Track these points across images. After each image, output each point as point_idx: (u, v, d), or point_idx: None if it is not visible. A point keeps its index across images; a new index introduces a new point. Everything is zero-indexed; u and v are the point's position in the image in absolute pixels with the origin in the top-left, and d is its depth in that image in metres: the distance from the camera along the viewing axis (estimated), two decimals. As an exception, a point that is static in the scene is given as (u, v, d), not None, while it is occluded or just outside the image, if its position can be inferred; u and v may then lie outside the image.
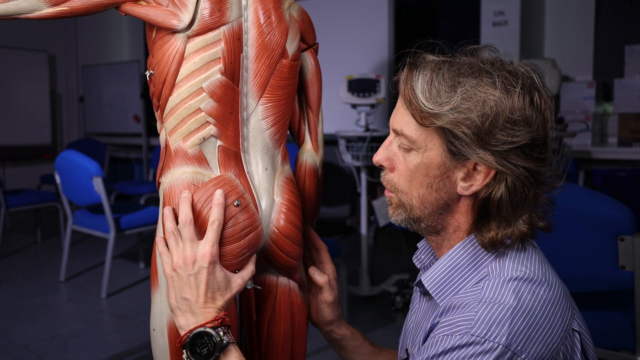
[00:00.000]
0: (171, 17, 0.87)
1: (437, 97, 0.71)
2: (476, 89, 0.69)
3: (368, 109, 3.02)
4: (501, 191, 0.71)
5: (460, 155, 0.72)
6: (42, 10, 0.86)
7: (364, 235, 3.02)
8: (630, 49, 3.54)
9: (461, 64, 0.73)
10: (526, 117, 0.70)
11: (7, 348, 2.46)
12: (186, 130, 0.90)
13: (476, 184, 0.73)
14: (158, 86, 0.90)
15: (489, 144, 0.69)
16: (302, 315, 1.02)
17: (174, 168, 0.91)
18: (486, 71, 0.71)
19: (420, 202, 0.76)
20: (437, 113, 0.70)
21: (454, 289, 0.76)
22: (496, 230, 0.73)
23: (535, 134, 0.70)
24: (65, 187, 3.21)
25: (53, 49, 6.04)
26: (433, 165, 0.74)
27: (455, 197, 0.76)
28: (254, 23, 0.91)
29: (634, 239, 1.29)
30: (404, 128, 0.75)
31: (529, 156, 0.71)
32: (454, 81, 0.71)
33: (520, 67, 0.74)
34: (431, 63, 0.74)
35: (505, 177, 0.71)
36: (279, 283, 0.99)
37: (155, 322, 0.92)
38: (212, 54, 0.88)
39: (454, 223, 0.78)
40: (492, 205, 0.72)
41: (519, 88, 0.70)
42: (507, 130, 0.69)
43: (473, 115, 0.69)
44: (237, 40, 0.90)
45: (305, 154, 1.06)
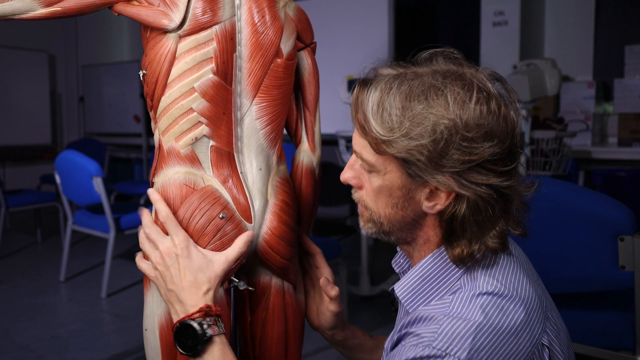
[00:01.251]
0: (162, 17, 0.86)
1: (388, 121, 0.68)
2: (427, 111, 0.67)
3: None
4: (463, 210, 0.70)
5: (419, 178, 0.70)
6: (36, 11, 0.86)
7: (364, 235, 3.02)
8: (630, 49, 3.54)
9: (412, 79, 0.70)
10: (484, 132, 0.67)
11: (7, 348, 2.46)
12: (178, 130, 0.90)
13: (440, 203, 0.72)
14: (151, 86, 0.90)
15: (444, 166, 0.67)
16: (297, 317, 1.02)
17: (166, 168, 0.91)
18: (437, 87, 0.68)
19: (388, 220, 0.76)
20: (388, 140, 0.68)
21: (424, 299, 0.76)
22: (463, 247, 0.71)
23: (496, 147, 0.67)
24: (65, 187, 3.21)
25: (53, 49, 6.04)
26: (394, 187, 0.73)
27: (422, 214, 0.75)
28: (248, 22, 0.90)
29: (634, 239, 1.29)
30: (362, 152, 0.74)
31: (491, 171, 0.68)
32: (404, 103, 0.68)
33: (477, 75, 0.70)
34: (382, 81, 0.71)
35: (466, 197, 0.69)
36: (272, 284, 0.99)
37: (147, 322, 0.92)
38: (203, 54, 0.88)
39: (423, 236, 0.77)
40: (456, 224, 0.71)
41: (472, 102, 0.67)
42: (463, 149, 0.66)
43: (425, 141, 0.66)
44: (229, 39, 0.89)
45: (302, 154, 1.05)
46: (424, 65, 0.73)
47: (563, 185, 1.42)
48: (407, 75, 0.71)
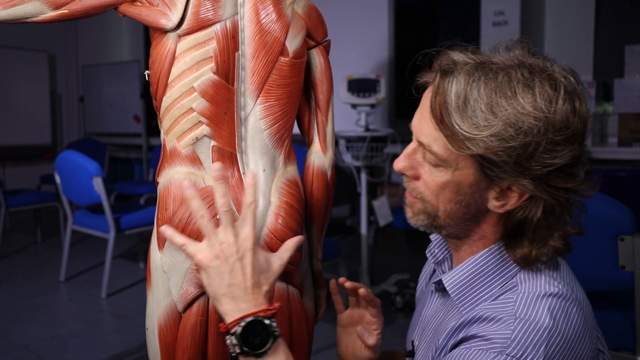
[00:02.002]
0: (160, 17, 0.87)
1: (473, 118, 0.64)
2: (518, 111, 0.63)
3: (368, 109, 3.02)
4: (538, 214, 0.67)
5: (496, 177, 0.66)
6: (46, 14, 0.88)
7: (364, 235, 3.01)
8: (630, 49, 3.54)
9: (497, 70, 0.65)
10: (569, 135, 0.64)
11: (7, 348, 2.46)
12: (179, 130, 0.89)
13: (510, 204, 0.68)
14: (153, 86, 0.90)
15: (528, 170, 0.64)
16: (302, 322, 1.00)
17: (169, 168, 0.91)
18: (525, 84, 0.64)
19: (447, 215, 0.72)
20: (473, 138, 0.64)
21: (477, 295, 0.74)
22: (529, 248, 0.69)
23: (576, 150, 0.65)
24: (65, 187, 3.21)
25: (53, 49, 6.04)
26: (464, 185, 0.69)
27: (484, 210, 0.71)
28: (251, 20, 0.89)
29: (634, 239, 1.29)
30: (432, 144, 0.69)
31: (570, 175, 0.66)
32: (492, 99, 0.64)
33: (559, 71, 0.67)
34: (463, 70, 0.66)
35: (543, 200, 0.66)
36: (276, 289, 0.97)
37: (148, 322, 0.93)
38: (203, 53, 0.87)
39: (480, 232, 0.74)
40: (528, 227, 0.68)
41: (560, 102, 0.64)
42: (550, 153, 0.63)
43: (515, 143, 0.63)
44: (231, 38, 0.88)
45: (313, 155, 1.03)
46: (501, 55, 0.69)
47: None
48: (490, 67, 0.66)
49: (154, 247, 0.94)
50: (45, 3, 0.87)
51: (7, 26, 5.35)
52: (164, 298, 0.93)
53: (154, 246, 0.94)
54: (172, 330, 0.92)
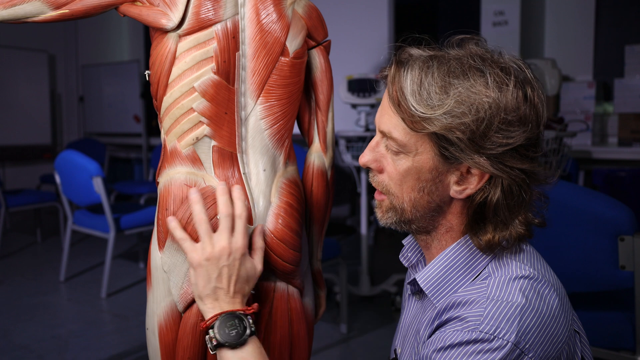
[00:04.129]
0: (161, 17, 0.86)
1: (428, 100, 0.67)
2: (469, 90, 0.66)
3: (368, 109, 3.02)
4: (497, 195, 0.69)
5: (454, 159, 0.69)
6: (46, 14, 0.88)
7: (364, 235, 3.02)
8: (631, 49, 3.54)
9: (449, 59, 0.69)
10: (520, 116, 0.67)
11: (7, 348, 2.46)
12: (180, 130, 0.89)
13: (470, 187, 0.71)
14: (154, 86, 0.90)
15: (483, 148, 0.67)
16: (302, 322, 1.00)
17: (169, 168, 0.91)
18: (477, 68, 0.68)
19: (412, 206, 0.74)
20: (429, 117, 0.67)
21: (450, 288, 0.75)
22: (492, 233, 0.71)
23: (530, 133, 0.68)
24: (65, 187, 3.21)
25: (53, 49, 6.05)
26: (424, 170, 0.71)
27: (448, 199, 0.74)
28: (252, 20, 0.89)
29: (634, 239, 1.29)
30: (392, 131, 0.72)
31: (524, 157, 0.68)
32: (445, 81, 0.67)
33: (511, 60, 0.71)
34: (418, 60, 0.70)
35: (501, 180, 0.69)
36: (276, 288, 0.96)
37: (148, 322, 0.93)
38: (203, 53, 0.87)
39: (446, 224, 0.76)
40: (489, 209, 0.70)
41: (511, 85, 0.67)
42: (503, 132, 0.66)
43: (468, 119, 0.65)
44: (231, 38, 0.88)
45: (313, 155, 1.03)
46: (457, 49, 0.72)
47: (563, 185, 1.42)
48: (445, 57, 0.70)
49: (155, 247, 0.94)
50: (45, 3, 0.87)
51: (7, 26, 5.35)
52: (164, 298, 0.93)
53: (154, 246, 0.94)
54: (172, 330, 0.92)
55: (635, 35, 3.72)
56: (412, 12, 5.10)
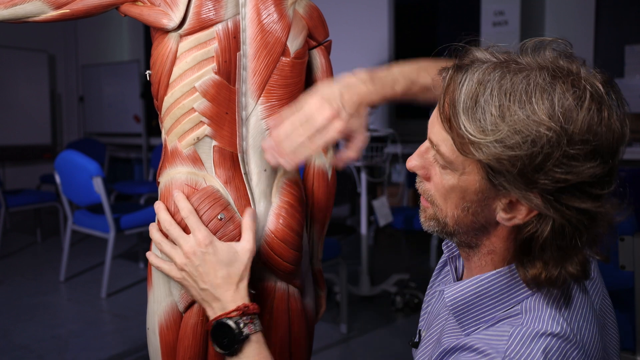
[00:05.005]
0: (162, 17, 0.86)
1: (481, 121, 0.59)
2: (529, 119, 0.57)
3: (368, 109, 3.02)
4: (546, 233, 0.61)
5: (502, 188, 0.61)
6: (47, 14, 0.88)
7: (364, 235, 3.02)
8: (631, 49, 3.54)
9: (516, 72, 0.59)
10: (589, 149, 0.57)
11: (7, 348, 2.46)
12: (181, 130, 0.89)
13: (518, 218, 0.63)
14: (155, 86, 0.90)
15: (535, 183, 0.58)
16: (302, 322, 1.00)
17: (170, 168, 0.91)
18: (543, 89, 0.58)
19: (455, 222, 0.68)
20: (478, 142, 0.59)
21: (478, 316, 0.69)
22: (541, 269, 0.63)
23: (598, 168, 0.58)
24: (65, 187, 3.21)
25: (53, 49, 6.04)
26: (470, 191, 0.64)
27: (494, 223, 0.66)
28: (253, 20, 0.89)
29: (634, 239, 1.29)
30: (440, 144, 0.65)
31: (586, 194, 0.59)
32: (503, 102, 0.58)
33: (592, 77, 0.60)
34: (480, 69, 0.61)
35: (552, 218, 0.60)
36: (276, 288, 0.96)
37: (149, 321, 0.93)
38: (204, 53, 0.87)
39: (490, 245, 0.69)
40: (535, 245, 0.62)
41: (582, 112, 0.57)
42: (562, 167, 0.57)
43: (521, 152, 0.57)
44: (232, 38, 0.88)
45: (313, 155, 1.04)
46: (529, 55, 0.63)
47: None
48: (510, 67, 0.61)
49: (155, 247, 0.94)
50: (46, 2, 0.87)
51: (7, 26, 5.35)
52: (164, 298, 0.93)
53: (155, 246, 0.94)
54: (173, 330, 0.92)
55: (635, 35, 3.72)
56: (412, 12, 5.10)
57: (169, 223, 0.86)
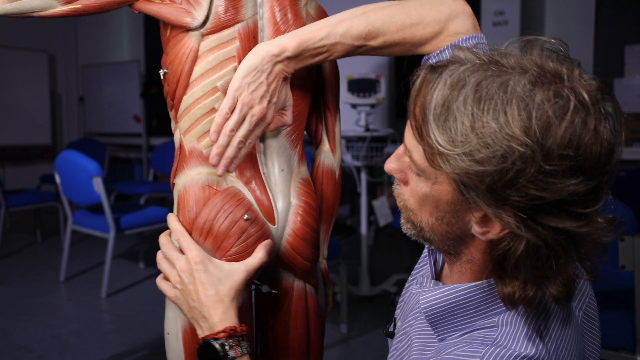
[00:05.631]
0: (184, 15, 0.85)
1: (451, 131, 0.54)
2: (501, 131, 0.51)
3: (368, 109, 3.02)
4: (519, 252, 0.56)
5: (473, 202, 0.56)
6: (55, 9, 0.84)
7: (364, 235, 3.02)
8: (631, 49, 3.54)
9: (494, 77, 0.54)
10: (569, 166, 0.51)
11: (7, 348, 2.46)
12: (200, 130, 0.88)
13: (493, 232, 0.58)
14: (172, 85, 0.89)
15: (506, 200, 0.53)
16: (318, 319, 1.00)
17: (188, 169, 0.90)
18: (521, 99, 0.52)
19: (430, 229, 0.65)
20: (446, 154, 0.54)
21: (453, 324, 0.67)
22: (516, 288, 0.58)
23: (581, 185, 0.52)
24: (65, 187, 3.21)
25: (53, 49, 6.05)
26: (443, 201, 0.60)
27: (470, 234, 0.62)
28: (270, 20, 0.89)
29: (634, 239, 1.29)
30: (413, 151, 0.61)
31: (565, 213, 0.53)
32: (475, 110, 0.53)
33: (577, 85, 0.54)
34: (456, 72, 0.56)
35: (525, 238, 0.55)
36: (294, 287, 0.97)
37: (170, 326, 0.90)
38: (226, 53, 0.87)
39: (468, 255, 0.66)
40: (509, 264, 0.57)
41: (563, 125, 0.51)
42: (538, 184, 0.51)
43: (490, 168, 0.52)
44: (252, 38, 0.88)
45: (322, 154, 1.03)
46: (515, 56, 0.57)
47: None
48: (489, 70, 0.55)
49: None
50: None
51: (7, 26, 5.35)
52: None
53: None
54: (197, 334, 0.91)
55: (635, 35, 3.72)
56: (412, 12, 5.11)
57: (165, 244, 0.86)
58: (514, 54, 0.57)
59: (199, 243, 0.87)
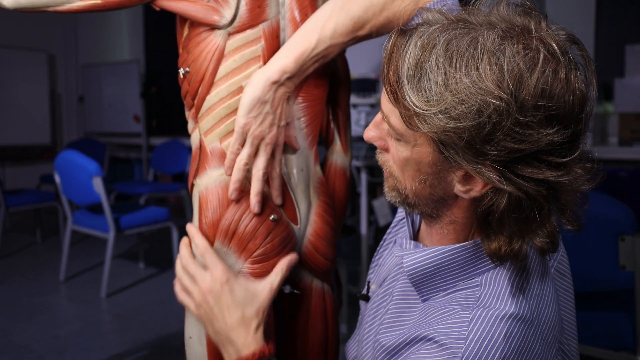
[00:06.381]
0: (213, 13, 0.84)
1: (427, 91, 0.54)
2: (475, 86, 0.52)
3: (368, 108, 3.02)
4: (502, 206, 0.57)
5: (453, 160, 0.57)
6: (73, 4, 0.83)
7: (364, 235, 3.01)
8: (631, 49, 3.54)
9: (463, 35, 0.54)
10: (544, 116, 0.52)
11: (7, 348, 2.46)
12: (224, 130, 0.87)
13: (475, 190, 0.59)
14: (194, 84, 0.87)
15: (486, 155, 0.54)
16: (335, 319, 0.99)
17: (210, 169, 0.88)
18: (491, 53, 0.52)
19: (414, 194, 0.65)
20: (423, 114, 0.54)
21: (437, 284, 0.67)
22: (502, 243, 0.59)
23: (557, 135, 0.53)
24: (65, 187, 3.21)
25: (53, 49, 6.04)
26: (424, 163, 0.61)
27: (453, 195, 0.63)
28: (291, 20, 0.88)
29: (635, 239, 1.29)
30: (390, 116, 0.61)
31: (544, 163, 0.54)
32: (448, 68, 0.53)
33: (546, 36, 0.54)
34: (425, 34, 0.56)
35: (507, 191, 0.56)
36: (313, 287, 0.96)
37: (192, 330, 0.88)
38: (252, 52, 0.86)
39: (451, 216, 0.66)
40: (493, 219, 0.59)
41: (534, 76, 0.52)
42: (514, 135, 0.52)
43: (467, 123, 0.52)
44: (275, 37, 0.87)
45: (334, 154, 1.03)
46: (482, 13, 0.57)
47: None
48: (457, 29, 0.55)
49: None
50: None
51: (7, 26, 5.35)
52: None
53: None
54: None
55: (635, 35, 3.72)
56: (412, 12, 5.11)
57: (186, 257, 0.83)
58: (482, 12, 0.58)
59: (223, 246, 0.85)
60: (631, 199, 2.89)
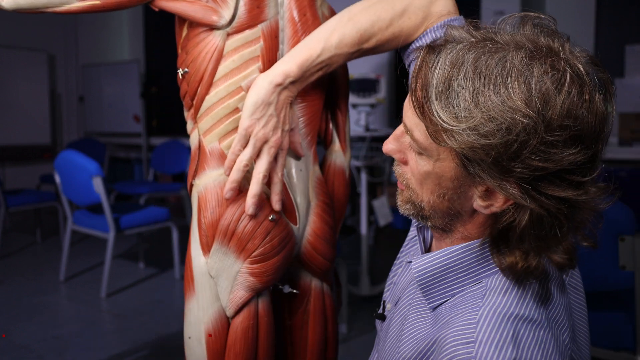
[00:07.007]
0: (211, 14, 0.84)
1: (455, 107, 0.55)
2: (504, 105, 0.53)
3: (368, 109, 3.02)
4: (524, 223, 0.58)
5: (477, 176, 0.58)
6: (72, 5, 0.83)
7: (364, 235, 3.01)
8: (631, 49, 3.54)
9: (491, 53, 0.56)
10: (569, 136, 0.53)
11: (7, 348, 2.46)
12: (223, 130, 0.87)
13: (496, 205, 0.60)
14: (193, 85, 0.87)
15: (510, 172, 0.55)
16: (334, 319, 1.00)
17: (209, 170, 0.88)
18: (520, 72, 0.54)
19: (431, 207, 0.66)
20: (451, 130, 0.55)
21: (444, 288, 0.68)
22: (518, 259, 0.60)
23: (579, 154, 0.54)
24: (65, 187, 3.21)
25: (53, 49, 6.04)
26: (445, 177, 0.62)
27: (470, 210, 0.64)
28: (290, 20, 0.89)
29: (635, 239, 1.29)
30: (414, 130, 0.62)
31: (566, 182, 0.55)
32: (477, 87, 0.55)
33: (575, 56, 0.56)
34: (453, 51, 0.57)
35: (529, 208, 0.57)
36: (312, 286, 0.96)
37: (192, 330, 0.88)
38: (251, 52, 0.86)
39: (464, 232, 0.67)
40: (514, 234, 0.59)
41: (561, 96, 0.53)
42: (540, 155, 0.53)
43: (495, 140, 0.53)
44: (274, 38, 0.88)
45: (333, 154, 1.03)
46: (508, 33, 0.59)
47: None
48: (485, 47, 0.57)
49: (197, 253, 0.90)
50: None
51: (7, 26, 5.35)
52: (211, 304, 0.89)
53: (196, 252, 0.90)
54: (221, 337, 0.89)
55: (635, 35, 3.72)
56: (412, 12, 5.10)
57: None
58: (507, 31, 0.60)
59: (222, 246, 0.85)
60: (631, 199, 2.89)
